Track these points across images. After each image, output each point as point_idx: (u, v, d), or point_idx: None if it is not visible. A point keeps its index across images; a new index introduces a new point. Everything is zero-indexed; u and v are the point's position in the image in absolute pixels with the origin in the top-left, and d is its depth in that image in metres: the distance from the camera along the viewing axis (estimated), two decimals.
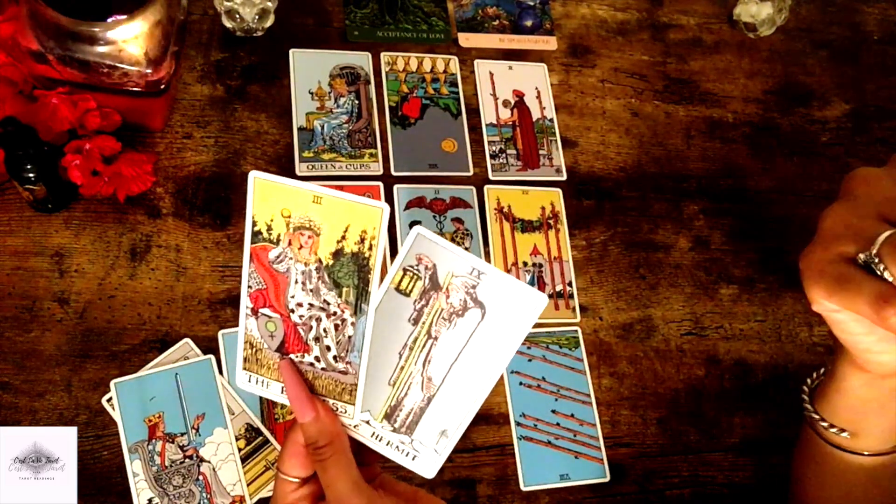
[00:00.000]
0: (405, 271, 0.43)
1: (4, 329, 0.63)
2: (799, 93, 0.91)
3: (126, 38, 0.63)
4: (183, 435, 0.62)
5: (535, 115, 0.82)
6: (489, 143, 0.79)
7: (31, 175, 0.62)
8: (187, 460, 0.62)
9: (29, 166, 0.61)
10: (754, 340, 0.78)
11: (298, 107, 0.76)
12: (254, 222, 0.42)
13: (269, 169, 0.73)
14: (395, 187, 0.74)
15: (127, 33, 0.63)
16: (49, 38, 0.62)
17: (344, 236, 0.41)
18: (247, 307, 0.44)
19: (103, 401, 0.62)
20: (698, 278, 0.79)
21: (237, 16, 0.75)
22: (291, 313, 0.44)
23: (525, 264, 0.75)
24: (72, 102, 0.64)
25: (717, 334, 0.77)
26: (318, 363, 0.44)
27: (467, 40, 0.84)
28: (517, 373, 0.70)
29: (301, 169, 0.73)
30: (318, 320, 0.43)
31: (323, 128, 0.75)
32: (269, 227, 0.42)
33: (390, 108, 0.78)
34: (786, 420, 0.74)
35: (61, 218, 0.67)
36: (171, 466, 0.61)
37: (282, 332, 0.44)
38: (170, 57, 0.66)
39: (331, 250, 0.41)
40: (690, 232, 0.81)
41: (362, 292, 0.42)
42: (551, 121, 0.82)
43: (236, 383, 0.47)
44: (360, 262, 0.41)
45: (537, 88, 0.83)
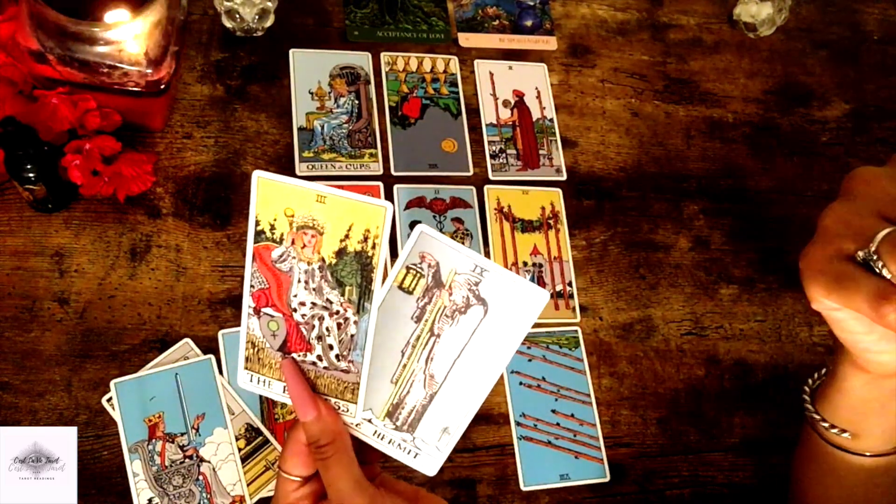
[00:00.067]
0: (408, 269, 0.43)
1: (4, 329, 0.63)
2: (799, 93, 0.91)
3: (126, 38, 0.63)
4: (183, 435, 0.62)
5: (535, 115, 0.82)
6: (489, 143, 0.79)
7: (31, 175, 0.62)
8: (187, 460, 0.62)
9: (29, 166, 0.61)
10: (754, 340, 0.78)
11: (298, 107, 0.76)
12: (257, 221, 0.42)
13: (269, 169, 0.73)
14: (395, 187, 0.74)
15: (127, 33, 0.63)
16: (49, 38, 0.62)
17: (347, 235, 0.41)
18: (249, 306, 0.44)
19: (103, 401, 0.62)
20: (698, 278, 0.79)
21: (237, 16, 0.75)
22: (294, 312, 0.44)
23: (525, 264, 0.75)
24: (72, 102, 0.64)
25: (717, 334, 0.77)
26: (320, 362, 0.44)
27: (467, 40, 0.84)
28: (517, 373, 0.70)
29: (301, 169, 0.73)
30: (320, 319, 0.43)
31: (323, 128, 0.75)
32: (273, 227, 0.42)
33: (390, 108, 0.78)
34: (786, 420, 0.74)
35: (61, 218, 0.67)
36: (171, 466, 0.61)
37: (284, 332, 0.44)
38: (170, 57, 0.66)
39: (334, 249, 0.41)
40: (690, 232, 0.81)
41: (365, 291, 0.42)
42: (551, 121, 0.82)
43: (238, 383, 0.47)
44: (364, 260, 0.41)
45: (537, 88, 0.83)
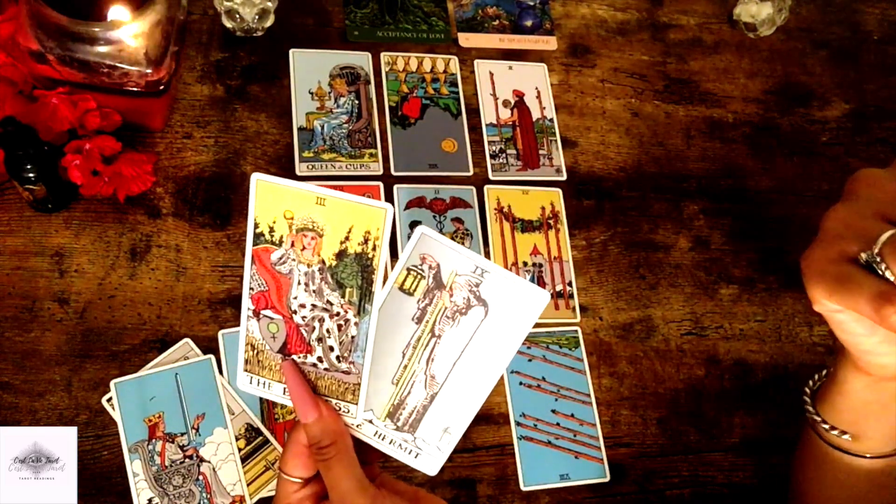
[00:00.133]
0: (409, 271, 0.43)
1: (4, 329, 0.63)
2: (799, 93, 0.91)
3: (126, 38, 0.63)
4: (183, 435, 0.62)
5: (535, 115, 0.82)
6: (489, 143, 0.79)
7: (31, 175, 0.62)
8: (187, 460, 0.62)
9: (29, 166, 0.61)
10: (754, 340, 0.78)
11: (298, 107, 0.76)
12: (256, 224, 0.42)
13: (269, 169, 0.73)
14: (395, 187, 0.74)
15: (127, 33, 0.63)
16: (49, 38, 0.62)
17: (347, 237, 0.41)
18: (248, 309, 0.44)
19: (103, 401, 0.62)
20: (698, 278, 0.79)
21: (237, 16, 0.75)
22: (294, 314, 0.44)
23: (525, 264, 0.75)
24: (72, 102, 0.64)
25: (717, 334, 0.77)
26: (320, 364, 0.44)
27: (467, 40, 0.84)
28: (517, 373, 0.70)
29: (301, 169, 0.73)
30: (320, 321, 0.43)
31: (323, 128, 0.75)
32: (272, 229, 0.42)
33: (390, 108, 0.78)
34: (786, 420, 0.74)
35: (61, 218, 0.67)
36: (171, 466, 0.61)
37: (284, 334, 0.44)
38: (170, 57, 0.66)
39: (334, 251, 0.41)
40: (690, 232, 0.81)
41: (366, 292, 0.42)
42: (551, 121, 0.82)
43: (237, 385, 0.47)
44: (364, 262, 0.41)
45: (537, 88, 0.83)
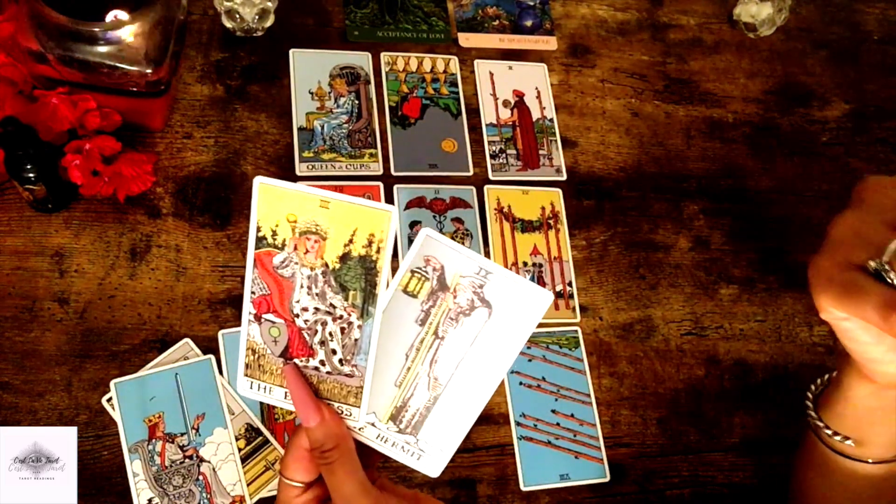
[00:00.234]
0: (413, 273, 0.43)
1: (4, 329, 0.63)
2: (799, 93, 0.91)
3: (126, 38, 0.63)
4: (183, 435, 0.62)
5: (535, 115, 0.82)
6: (489, 143, 0.79)
7: (31, 175, 0.62)
8: (187, 460, 0.62)
9: (29, 166, 0.61)
10: (754, 340, 0.78)
11: (298, 107, 0.76)
12: (258, 227, 0.42)
13: (269, 169, 0.73)
14: (395, 187, 0.74)
15: (127, 33, 0.63)
16: (49, 38, 0.62)
17: (351, 240, 0.41)
18: (249, 313, 0.44)
19: (103, 401, 0.62)
20: (698, 278, 0.79)
21: (237, 16, 0.75)
22: (296, 318, 0.43)
23: (525, 264, 0.75)
24: (72, 102, 0.64)
25: (717, 334, 0.77)
26: (322, 367, 0.44)
27: (467, 40, 0.84)
28: (517, 373, 0.70)
29: (301, 169, 0.73)
30: (323, 324, 0.43)
31: (323, 128, 0.75)
32: (274, 233, 0.42)
33: (390, 108, 0.78)
34: (786, 420, 0.74)
35: (61, 218, 0.67)
36: (171, 466, 0.61)
37: (286, 338, 0.44)
38: (170, 57, 0.66)
39: (338, 254, 0.41)
40: (690, 232, 0.81)
41: (369, 295, 0.41)
42: (551, 121, 0.82)
43: (238, 390, 0.46)
44: (368, 265, 0.41)
45: (537, 88, 0.83)
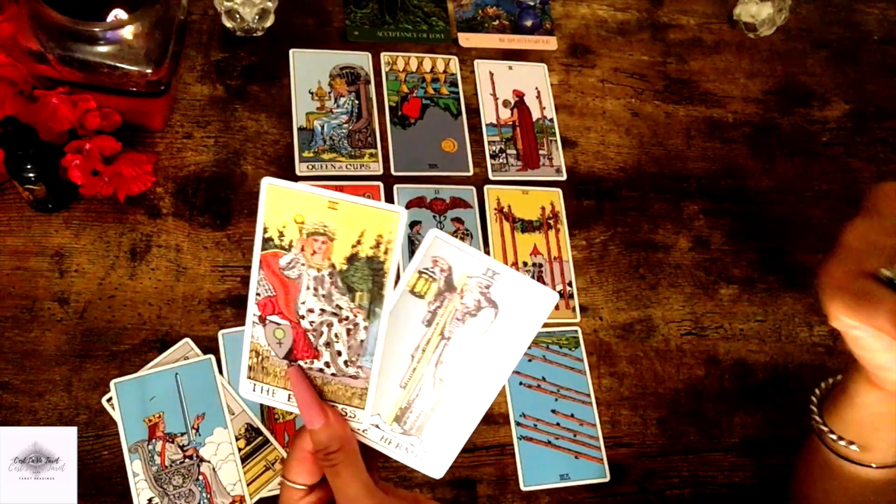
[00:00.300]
0: (421, 274, 0.43)
1: (4, 329, 0.63)
2: (799, 93, 0.91)
3: (126, 38, 0.63)
4: (183, 435, 0.62)
5: (535, 115, 0.82)
6: (489, 143, 0.79)
7: (31, 175, 0.62)
8: (187, 460, 0.62)
9: (29, 166, 0.61)
10: (754, 340, 0.78)
11: (298, 107, 0.76)
12: (265, 229, 0.42)
13: (269, 169, 0.73)
14: (395, 187, 0.74)
15: (127, 33, 0.63)
16: (49, 38, 0.62)
17: (359, 241, 0.41)
18: (254, 315, 0.44)
19: (103, 401, 0.62)
20: (698, 278, 0.79)
21: (237, 16, 0.75)
22: (301, 319, 0.43)
23: (525, 264, 0.75)
24: (72, 102, 0.64)
25: (717, 334, 0.77)
26: (327, 369, 0.44)
27: (467, 40, 0.84)
28: (517, 373, 0.70)
29: (301, 169, 0.73)
30: (329, 325, 0.43)
31: (323, 128, 0.75)
32: (281, 234, 0.41)
33: (390, 108, 0.78)
34: (786, 420, 0.74)
35: (61, 218, 0.67)
36: (171, 466, 0.61)
37: (290, 339, 0.44)
38: (170, 57, 0.66)
39: (345, 255, 0.41)
40: (690, 232, 0.81)
41: (376, 296, 0.41)
42: (551, 121, 0.82)
43: (240, 393, 0.46)
44: (375, 266, 0.41)
45: (537, 88, 0.83)
